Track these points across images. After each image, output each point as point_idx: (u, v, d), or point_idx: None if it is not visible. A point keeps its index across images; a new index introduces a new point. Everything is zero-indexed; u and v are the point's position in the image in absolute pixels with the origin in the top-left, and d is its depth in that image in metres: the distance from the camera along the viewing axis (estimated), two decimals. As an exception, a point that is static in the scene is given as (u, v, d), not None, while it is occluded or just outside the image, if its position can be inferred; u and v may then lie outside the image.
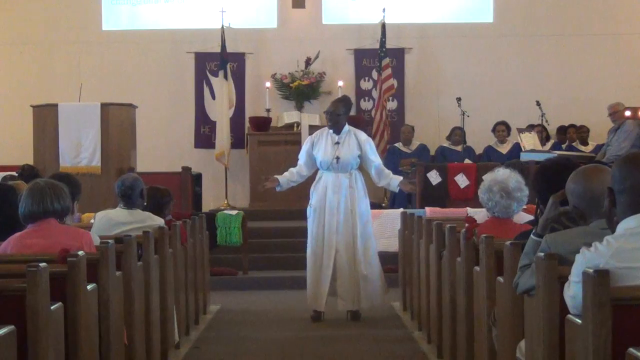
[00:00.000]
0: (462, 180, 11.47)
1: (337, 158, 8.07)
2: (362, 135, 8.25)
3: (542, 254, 3.45)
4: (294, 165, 8.41)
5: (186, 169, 11.86)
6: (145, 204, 6.52)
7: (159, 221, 6.49)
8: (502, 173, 5.56)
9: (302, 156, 8.30)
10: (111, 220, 6.33)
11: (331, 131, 8.20)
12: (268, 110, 13.67)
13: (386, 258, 10.43)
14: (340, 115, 8.16)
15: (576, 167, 4.00)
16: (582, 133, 13.44)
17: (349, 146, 8.10)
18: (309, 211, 8.24)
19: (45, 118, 10.93)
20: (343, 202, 8.08)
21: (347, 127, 8.21)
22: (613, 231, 3.20)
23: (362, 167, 8.36)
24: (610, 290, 2.92)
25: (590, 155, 12.41)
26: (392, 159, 12.91)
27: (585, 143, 13.41)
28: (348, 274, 8.06)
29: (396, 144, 13.16)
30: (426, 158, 12.87)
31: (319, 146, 8.18)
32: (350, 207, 8.08)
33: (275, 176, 8.25)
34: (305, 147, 8.31)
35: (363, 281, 8.10)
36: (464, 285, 5.39)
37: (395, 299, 9.14)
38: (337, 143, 8.12)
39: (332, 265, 8.06)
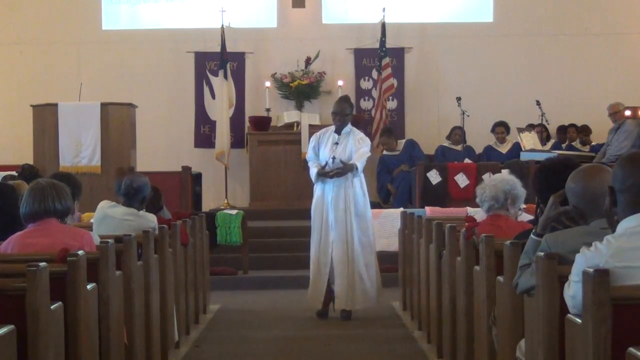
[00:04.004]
0: (462, 180, 11.48)
1: (333, 158, 8.16)
2: (358, 135, 8.35)
3: (542, 253, 3.45)
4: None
5: (186, 169, 11.87)
6: (143, 209, 6.48)
7: (153, 220, 6.41)
8: (497, 176, 5.70)
9: (311, 157, 8.37)
10: (107, 214, 6.31)
11: (334, 130, 8.30)
12: (268, 110, 13.67)
13: (386, 257, 10.46)
14: (347, 115, 8.31)
15: (576, 166, 4.00)
16: (584, 136, 13.42)
17: (345, 147, 8.20)
18: (312, 209, 8.32)
19: (45, 118, 10.93)
20: (340, 200, 8.14)
21: (348, 127, 8.30)
22: (613, 230, 3.20)
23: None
24: (610, 290, 2.91)
25: (590, 154, 12.41)
26: (384, 169, 12.93)
27: (585, 143, 13.41)
28: (343, 273, 8.11)
29: (384, 153, 13.11)
30: (417, 151, 12.88)
31: (322, 145, 8.30)
32: (347, 206, 8.14)
33: (322, 168, 8.19)
34: (311, 145, 8.42)
35: (359, 281, 8.13)
36: (464, 284, 5.39)
37: (395, 298, 9.14)
38: (336, 143, 8.21)
39: (330, 264, 8.11)
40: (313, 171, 8.27)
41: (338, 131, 8.25)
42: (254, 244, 11.12)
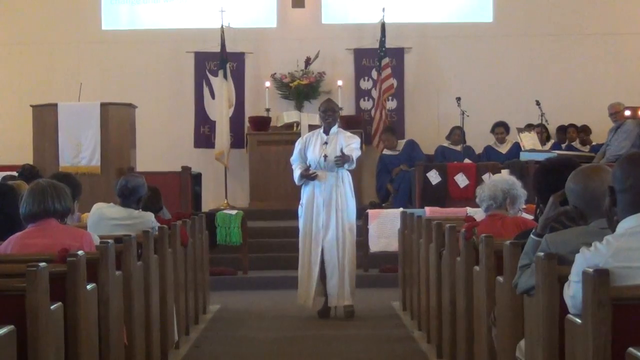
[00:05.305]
0: (461, 180, 11.48)
1: (325, 156, 8.21)
2: (347, 133, 8.49)
3: (541, 253, 3.45)
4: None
5: (186, 169, 11.86)
6: (139, 209, 6.47)
7: (150, 218, 6.39)
8: (497, 176, 5.73)
9: (295, 159, 8.44)
10: (103, 215, 6.29)
11: (321, 131, 8.37)
12: (268, 110, 13.66)
13: (386, 258, 10.47)
14: (336, 112, 8.42)
15: (576, 166, 4.00)
16: (583, 136, 13.41)
17: (335, 146, 8.24)
18: (300, 210, 8.36)
19: (45, 118, 10.93)
20: (330, 200, 8.21)
21: (336, 127, 8.38)
22: (613, 230, 3.20)
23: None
24: (610, 290, 2.91)
25: (590, 154, 12.41)
26: (384, 168, 12.92)
27: (585, 143, 13.40)
28: (335, 271, 8.17)
29: (384, 152, 13.10)
30: (417, 152, 12.88)
31: (310, 147, 8.34)
32: (337, 205, 8.19)
33: (306, 170, 8.24)
34: (297, 148, 8.47)
35: (347, 278, 8.20)
36: (464, 285, 5.39)
37: (395, 298, 9.14)
38: (326, 143, 8.28)
39: (320, 263, 8.17)
40: (297, 173, 8.33)
41: (326, 131, 8.33)
42: (254, 244, 11.12)
